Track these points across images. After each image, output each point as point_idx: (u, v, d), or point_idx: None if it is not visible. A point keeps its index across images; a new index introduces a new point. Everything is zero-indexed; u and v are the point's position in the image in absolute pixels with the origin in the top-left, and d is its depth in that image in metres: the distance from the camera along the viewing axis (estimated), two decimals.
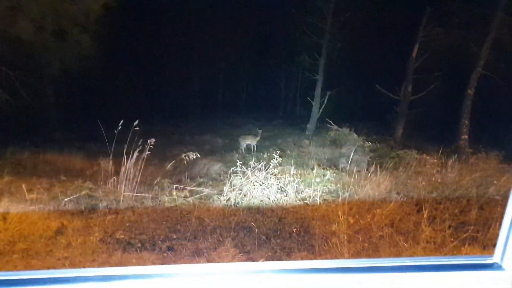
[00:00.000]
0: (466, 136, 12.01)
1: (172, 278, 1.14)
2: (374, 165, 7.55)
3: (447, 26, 12.35)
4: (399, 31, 14.22)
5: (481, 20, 11.98)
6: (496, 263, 1.20)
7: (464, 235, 4.94)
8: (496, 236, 1.22)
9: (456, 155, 8.62)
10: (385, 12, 13.89)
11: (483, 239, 4.87)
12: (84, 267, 3.90)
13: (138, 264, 4.12)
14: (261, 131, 11.36)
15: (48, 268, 3.82)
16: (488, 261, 1.22)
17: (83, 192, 5.87)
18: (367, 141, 11.65)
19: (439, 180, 7.35)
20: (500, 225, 1.23)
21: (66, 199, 5.49)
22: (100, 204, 5.52)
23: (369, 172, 7.32)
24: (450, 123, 12.88)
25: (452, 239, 4.90)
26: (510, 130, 10.19)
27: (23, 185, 5.59)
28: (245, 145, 10.98)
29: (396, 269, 1.18)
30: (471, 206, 6.04)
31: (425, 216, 5.37)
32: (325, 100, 14.13)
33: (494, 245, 1.24)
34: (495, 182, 6.91)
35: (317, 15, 13.61)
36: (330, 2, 13.24)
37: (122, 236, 4.72)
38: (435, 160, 8.64)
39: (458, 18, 12.10)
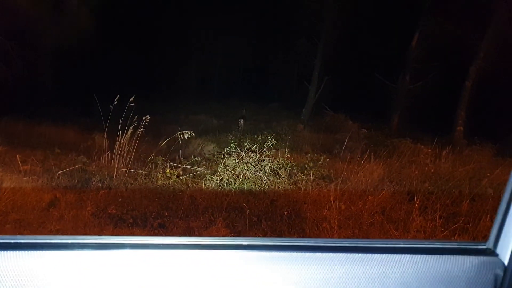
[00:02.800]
0: (461, 128, 12.06)
1: (170, 250, 1.14)
2: (368, 152, 7.57)
3: (447, 15, 12.25)
4: (399, 19, 14.08)
5: (482, 11, 11.88)
6: (489, 248, 1.21)
7: (455, 226, 5.00)
8: (486, 228, 1.24)
9: (450, 146, 8.66)
10: None
11: (473, 230, 4.93)
12: None
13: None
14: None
15: None
16: (482, 246, 1.23)
17: (77, 166, 5.85)
18: (362, 128, 11.68)
19: (432, 170, 7.39)
20: (491, 218, 1.24)
21: (59, 172, 5.46)
22: (93, 179, 5.50)
23: (362, 159, 7.34)
24: (446, 113, 12.91)
25: (442, 229, 4.96)
26: (506, 123, 10.24)
27: (17, 156, 5.55)
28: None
29: (388, 250, 1.18)
30: (463, 197, 6.09)
31: (416, 205, 5.42)
32: (322, 85, 14.06)
33: (484, 237, 1.25)
34: (488, 174, 6.96)
35: None
36: None
37: (114, 211, 4.73)
38: (429, 150, 8.68)
39: (459, 8, 12.00)
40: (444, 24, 12.18)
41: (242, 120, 12.03)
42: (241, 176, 6.02)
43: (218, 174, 5.92)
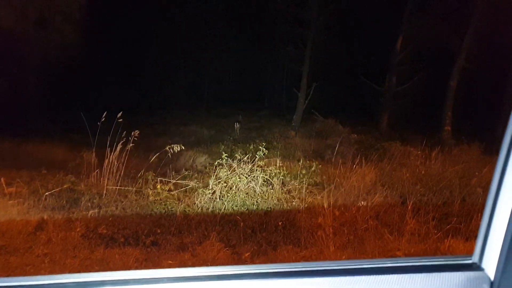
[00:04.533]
0: (449, 128, 12.20)
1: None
2: (359, 156, 7.59)
3: (430, 18, 12.45)
4: (383, 23, 14.26)
5: (463, 12, 12.10)
6: (475, 263, 1.21)
7: (448, 227, 5.02)
8: (478, 228, 1.23)
9: (439, 147, 8.73)
10: (370, 3, 13.91)
11: (466, 230, 4.96)
12: (64, 263, 3.82)
13: (121, 260, 4.07)
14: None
15: (27, 265, 3.74)
16: (467, 261, 1.22)
17: (65, 186, 5.75)
18: (353, 133, 11.74)
19: (423, 172, 7.43)
20: (482, 217, 1.23)
21: (47, 193, 5.36)
22: (83, 198, 5.41)
23: (354, 164, 7.36)
24: (433, 114, 13.05)
25: (435, 231, 4.97)
26: (492, 122, 10.37)
27: (2, 178, 5.44)
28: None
29: (375, 271, 1.16)
30: (454, 197, 6.14)
31: (409, 207, 5.44)
32: (311, 92, 14.14)
33: (476, 237, 1.24)
34: (477, 173, 7.03)
35: (303, 6, 13.54)
36: None
37: (105, 231, 4.65)
38: (419, 152, 8.74)
39: (440, 11, 12.21)
40: (427, 26, 12.37)
41: (237, 124, 12.52)
42: (234, 188, 5.98)
43: (210, 187, 5.87)
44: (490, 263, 1.16)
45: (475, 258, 1.21)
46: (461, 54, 12.06)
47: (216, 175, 6.22)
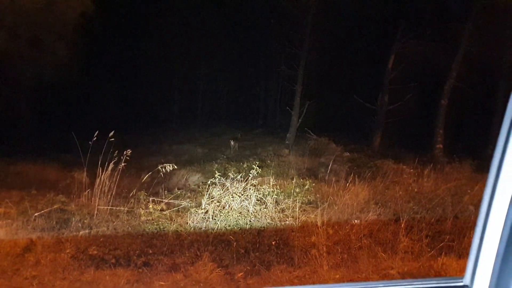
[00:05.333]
0: (441, 146, 12.30)
1: None
2: (352, 175, 7.60)
3: (420, 38, 12.72)
4: (375, 43, 14.56)
5: (452, 33, 12.40)
6: (467, 285, 1.19)
7: (441, 244, 5.00)
8: (470, 245, 1.22)
9: (431, 164, 8.78)
10: (362, 24, 14.20)
11: (459, 248, 4.94)
12: (53, 285, 3.73)
13: (111, 281, 3.98)
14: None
15: None
16: (459, 283, 1.21)
17: (55, 206, 5.67)
18: (346, 151, 11.79)
19: (415, 190, 7.46)
20: (472, 239, 1.23)
21: (36, 214, 5.28)
22: (73, 219, 5.33)
23: (347, 182, 7.36)
24: (425, 132, 13.19)
25: (429, 249, 4.95)
26: (482, 139, 10.50)
27: None
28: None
29: None
30: (446, 215, 6.14)
31: (402, 225, 5.43)
32: (304, 110, 14.25)
33: (468, 254, 1.24)
34: (469, 191, 7.07)
35: (296, 26, 13.78)
36: (308, 14, 13.42)
37: (95, 252, 4.56)
38: (412, 170, 8.79)
39: (430, 31, 12.50)
40: (418, 46, 12.63)
41: (233, 141, 12.83)
42: (227, 207, 5.93)
43: (203, 207, 5.82)
44: (481, 286, 1.15)
45: (466, 281, 1.20)
46: (452, 73, 12.29)
47: (209, 194, 6.17)
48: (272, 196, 6.49)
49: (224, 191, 6.23)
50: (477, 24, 11.64)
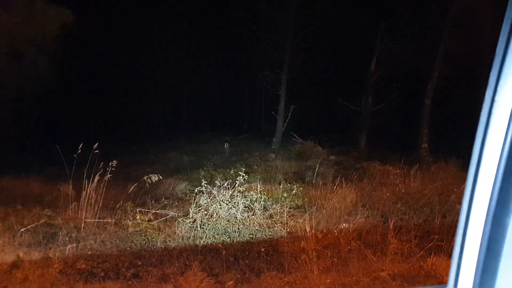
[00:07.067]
0: (426, 145, 12.47)
1: None
2: (339, 177, 7.65)
3: (402, 39, 12.93)
4: (358, 45, 14.74)
5: (432, 33, 12.64)
6: None
7: (430, 245, 5.06)
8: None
9: (417, 164, 8.89)
10: (344, 27, 14.38)
11: (448, 248, 5.01)
12: None
13: None
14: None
15: None
16: None
17: (41, 221, 5.56)
18: (332, 153, 11.87)
19: (402, 190, 7.54)
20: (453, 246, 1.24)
21: (22, 229, 5.17)
22: (60, 233, 5.23)
23: (334, 185, 7.40)
24: (410, 132, 13.37)
25: (418, 250, 5.01)
26: (467, 138, 10.67)
27: None
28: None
29: None
30: (434, 215, 6.23)
31: (391, 227, 5.48)
32: (289, 114, 14.32)
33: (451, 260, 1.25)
34: (455, 190, 7.18)
35: (278, 31, 13.87)
36: (290, 19, 13.53)
37: (83, 266, 4.49)
38: (398, 170, 8.89)
39: (411, 32, 12.72)
40: (400, 47, 12.83)
41: (227, 144, 13.35)
42: (215, 215, 5.91)
43: (190, 216, 5.79)
44: None
45: (450, 287, 1.22)
46: (434, 73, 12.49)
47: (196, 203, 6.14)
48: (260, 202, 6.49)
49: (211, 199, 6.21)
50: (456, 24, 11.85)
